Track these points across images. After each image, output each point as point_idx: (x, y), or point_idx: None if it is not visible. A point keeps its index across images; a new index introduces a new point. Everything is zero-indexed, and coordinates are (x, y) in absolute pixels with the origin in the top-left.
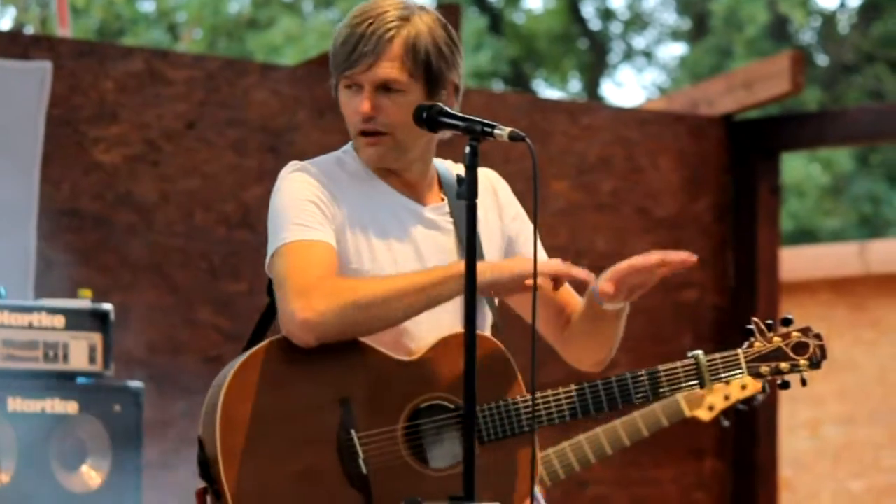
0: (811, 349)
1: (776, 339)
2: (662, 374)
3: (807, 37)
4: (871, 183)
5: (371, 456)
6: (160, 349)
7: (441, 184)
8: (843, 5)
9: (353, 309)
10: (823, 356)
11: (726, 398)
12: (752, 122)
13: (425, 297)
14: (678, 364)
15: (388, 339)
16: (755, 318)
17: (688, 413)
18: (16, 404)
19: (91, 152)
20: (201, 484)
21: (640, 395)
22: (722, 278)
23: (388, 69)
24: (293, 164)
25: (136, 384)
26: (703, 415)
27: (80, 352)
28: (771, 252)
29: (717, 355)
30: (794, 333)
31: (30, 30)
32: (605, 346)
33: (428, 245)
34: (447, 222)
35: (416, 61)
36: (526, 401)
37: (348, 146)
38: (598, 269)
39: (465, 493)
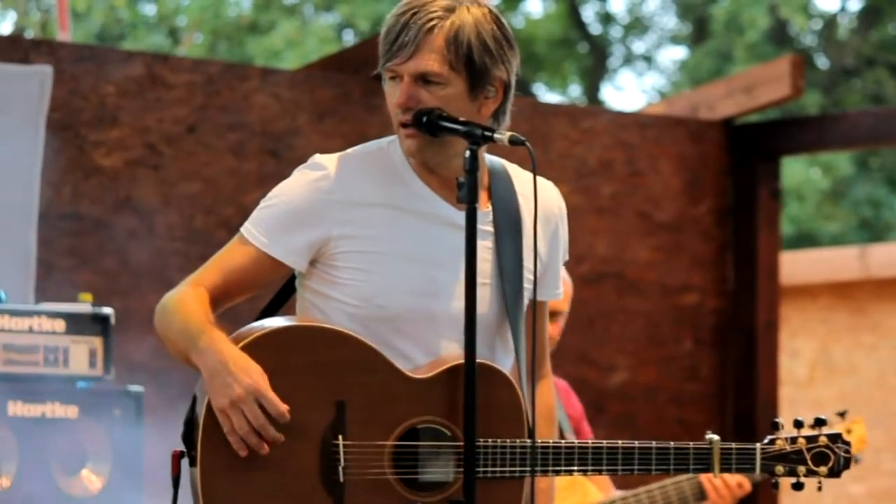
0: (832, 460)
1: (801, 440)
2: (672, 451)
3: (807, 41)
4: (871, 187)
5: (352, 466)
6: (161, 353)
7: (490, 189)
8: (843, 9)
9: (161, 326)
10: (846, 466)
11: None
12: (753, 125)
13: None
14: (691, 445)
15: (419, 351)
16: (780, 420)
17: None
18: (16, 408)
19: (91, 156)
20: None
21: (642, 468)
22: (722, 282)
23: (427, 60)
24: (314, 159)
25: (136, 388)
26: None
27: (81, 356)
28: (771, 256)
29: (734, 446)
30: (822, 439)
31: (30, 34)
32: None
33: (449, 250)
34: (486, 229)
35: (457, 54)
36: (526, 445)
37: (375, 142)
38: (598, 273)
39: None
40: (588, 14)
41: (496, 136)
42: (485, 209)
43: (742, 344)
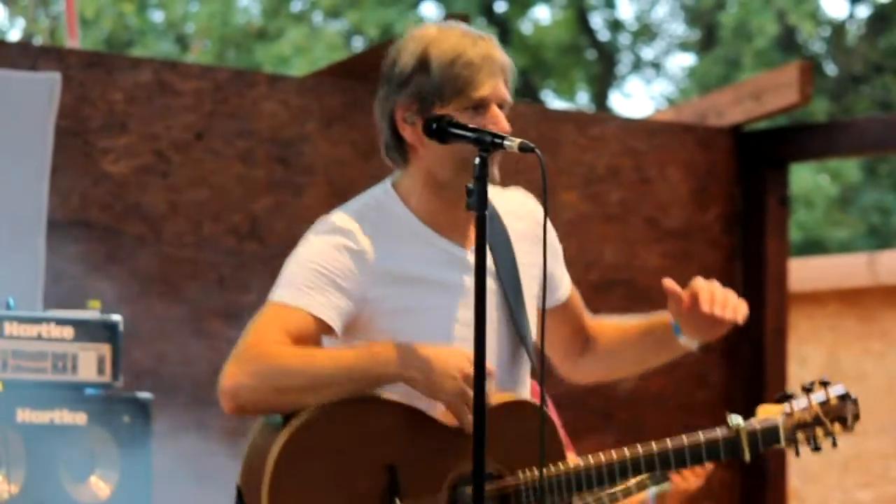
0: (849, 417)
1: (814, 406)
2: (703, 444)
3: (815, 47)
4: (879, 194)
5: None
6: (169, 360)
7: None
8: (851, 16)
9: (271, 394)
10: (857, 418)
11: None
12: (761, 132)
13: (352, 386)
14: (718, 434)
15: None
16: (789, 390)
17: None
18: (25, 415)
19: (100, 163)
20: None
21: (679, 465)
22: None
23: (505, 89)
24: (325, 223)
25: (144, 395)
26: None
27: (89, 363)
28: (779, 263)
29: (758, 426)
30: (833, 400)
31: (39, 41)
32: (632, 372)
33: (468, 290)
34: (488, 263)
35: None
36: (570, 468)
37: (387, 185)
38: (607, 280)
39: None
40: (596, 21)
41: (506, 143)
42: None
43: (750, 351)
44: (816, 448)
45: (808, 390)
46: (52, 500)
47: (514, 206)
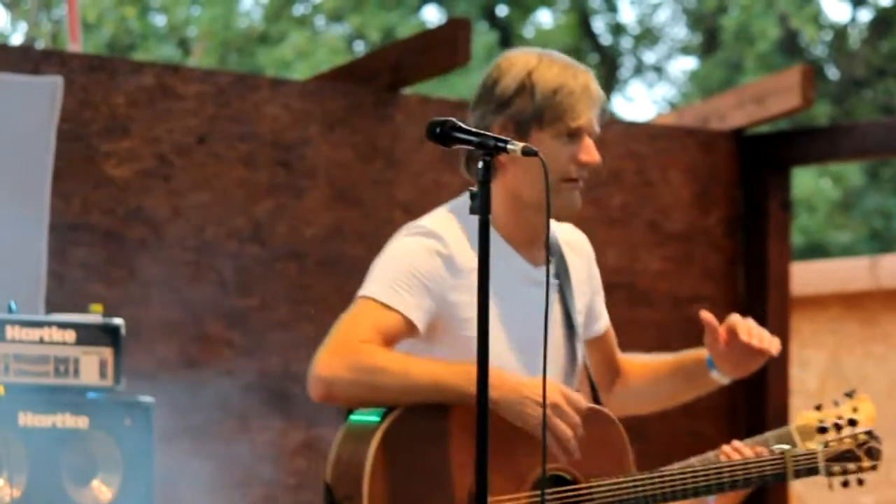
0: (878, 453)
1: (847, 440)
2: (753, 465)
3: (817, 51)
4: (881, 197)
5: None
6: (171, 364)
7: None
8: (853, 20)
9: (365, 389)
10: (880, 456)
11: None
12: (763, 136)
13: (439, 398)
14: (766, 458)
15: None
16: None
17: (800, 446)
18: (27, 419)
19: (102, 167)
20: None
21: (732, 486)
22: (732, 293)
23: (596, 122)
24: (417, 227)
25: (147, 399)
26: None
27: (91, 366)
28: (781, 266)
29: (801, 455)
30: (861, 436)
31: (41, 44)
32: (663, 406)
33: (535, 306)
34: (553, 281)
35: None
36: (639, 480)
37: (468, 198)
38: (609, 283)
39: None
40: (598, 25)
41: (509, 146)
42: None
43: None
44: (846, 484)
45: (836, 404)
46: None
47: (569, 238)
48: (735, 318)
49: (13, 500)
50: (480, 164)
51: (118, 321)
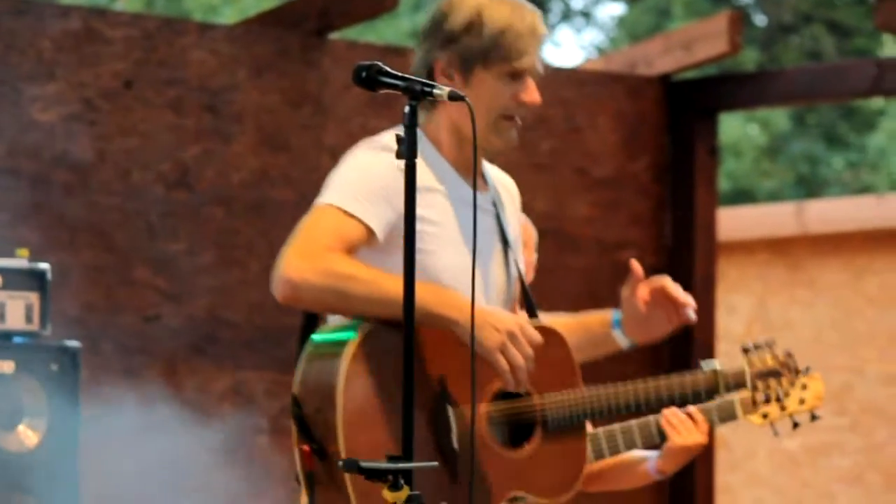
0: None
1: (769, 360)
2: (689, 385)
3: None
4: (807, 143)
5: (461, 433)
6: (98, 308)
7: (485, 176)
8: None
9: (333, 295)
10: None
11: (782, 409)
12: (690, 82)
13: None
14: (700, 378)
15: None
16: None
17: (741, 417)
18: None
19: (28, 111)
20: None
21: (660, 404)
22: (659, 238)
23: (540, 63)
24: (375, 142)
25: (73, 343)
26: (756, 420)
27: (17, 311)
28: (708, 212)
29: (729, 372)
30: (783, 356)
31: None
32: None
33: (482, 229)
34: (490, 206)
35: None
36: (587, 395)
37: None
38: (537, 229)
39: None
40: None
41: (435, 91)
42: (485, 192)
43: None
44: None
45: (758, 348)
46: None
47: (504, 181)
48: (665, 278)
49: None
50: (407, 109)
51: (44, 266)
